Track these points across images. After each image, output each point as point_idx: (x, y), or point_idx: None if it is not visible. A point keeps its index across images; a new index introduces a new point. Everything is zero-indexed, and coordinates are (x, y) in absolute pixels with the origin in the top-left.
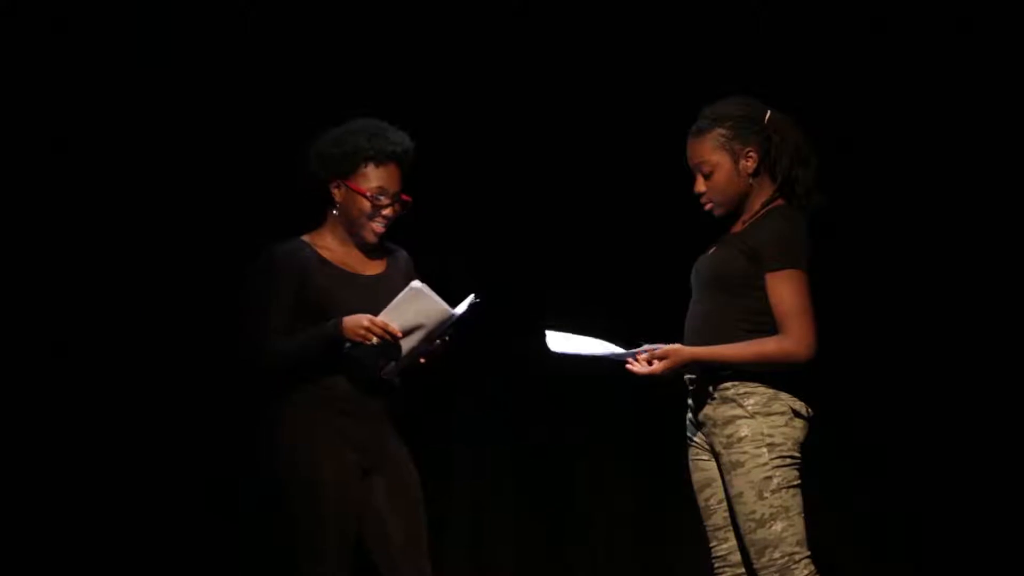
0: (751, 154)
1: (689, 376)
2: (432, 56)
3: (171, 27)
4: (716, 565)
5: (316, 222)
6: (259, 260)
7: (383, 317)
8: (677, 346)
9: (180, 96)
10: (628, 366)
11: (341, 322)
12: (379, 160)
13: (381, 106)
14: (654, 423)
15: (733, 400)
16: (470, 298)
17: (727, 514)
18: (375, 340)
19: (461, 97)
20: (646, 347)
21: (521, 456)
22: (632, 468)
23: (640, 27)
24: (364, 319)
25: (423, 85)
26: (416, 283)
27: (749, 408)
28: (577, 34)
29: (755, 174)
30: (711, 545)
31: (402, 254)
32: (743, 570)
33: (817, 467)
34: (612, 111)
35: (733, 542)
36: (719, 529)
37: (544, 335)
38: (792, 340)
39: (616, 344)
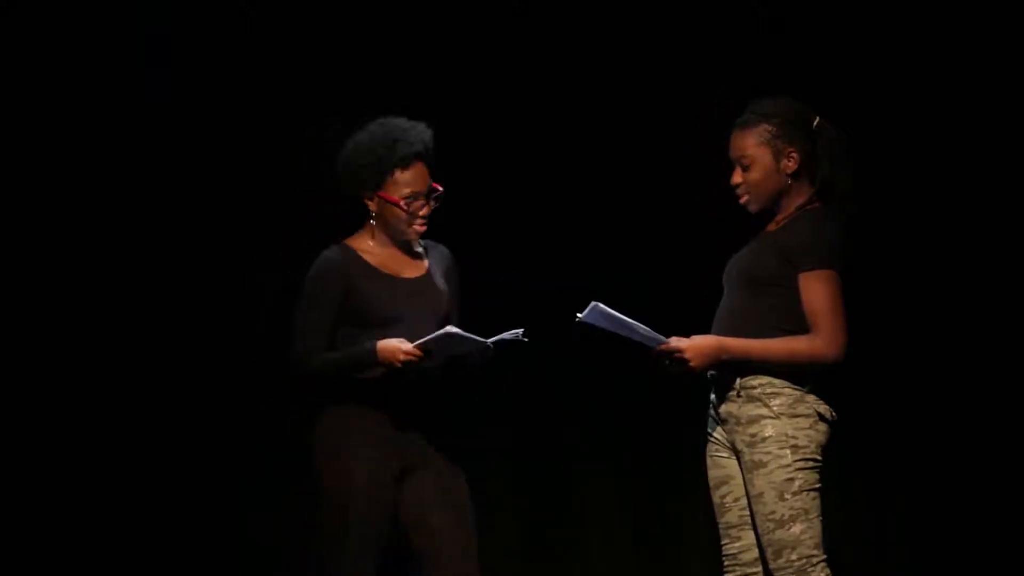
0: (793, 155)
1: (712, 372)
2: (475, 48)
3: (202, 26)
4: (726, 563)
5: (358, 225)
6: (310, 270)
7: (417, 347)
8: (707, 336)
9: (218, 101)
10: (662, 346)
11: (375, 348)
12: (404, 164)
13: (424, 106)
14: (654, 423)
15: (759, 399)
16: (517, 332)
17: (742, 512)
18: (399, 362)
19: (495, 94)
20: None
21: (517, 456)
22: (632, 468)
23: (683, 18)
24: (399, 352)
25: (466, 79)
26: (450, 328)
27: (775, 408)
28: (620, 26)
29: (795, 176)
30: (723, 543)
31: (442, 251)
32: (754, 569)
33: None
34: (646, 108)
35: (745, 541)
36: (732, 527)
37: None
38: (823, 340)
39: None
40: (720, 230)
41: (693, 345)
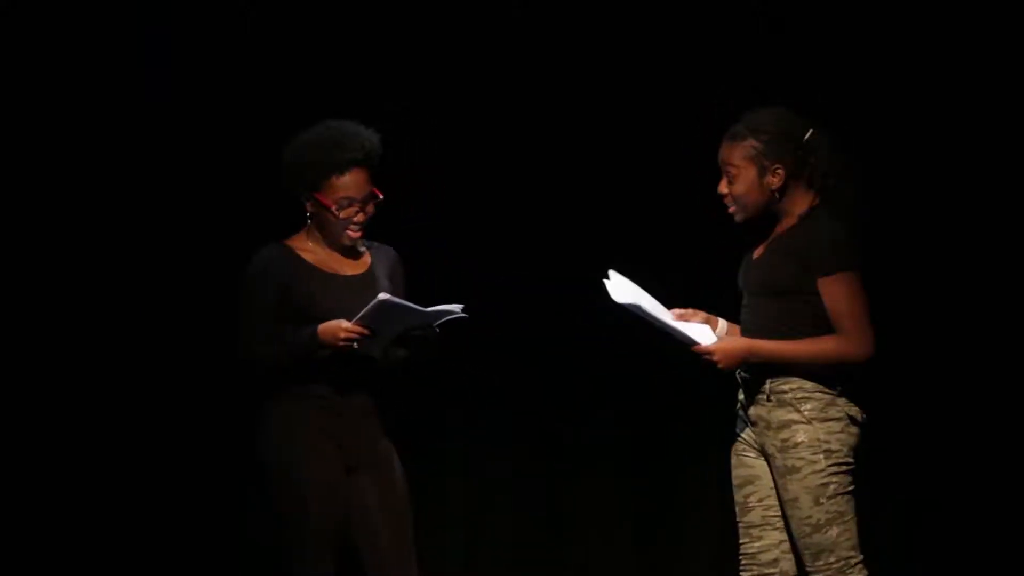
0: (779, 170)
1: (743, 374)
2: (477, 48)
3: (202, 26)
4: (744, 562)
5: (299, 224)
6: (246, 268)
7: (356, 323)
8: (737, 338)
9: (218, 101)
10: (693, 348)
11: (317, 332)
12: (342, 169)
13: (426, 107)
14: (654, 422)
15: (790, 404)
16: (456, 308)
17: (765, 513)
18: (354, 345)
19: (495, 94)
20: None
21: (515, 455)
22: (631, 467)
23: (684, 19)
24: (340, 330)
25: (467, 76)
26: (383, 295)
27: (806, 413)
28: (622, 26)
29: (782, 189)
30: (742, 542)
31: (387, 251)
32: (772, 570)
33: None
34: (646, 108)
35: (766, 541)
36: (754, 527)
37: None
38: (850, 341)
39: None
40: (720, 230)
41: (722, 347)
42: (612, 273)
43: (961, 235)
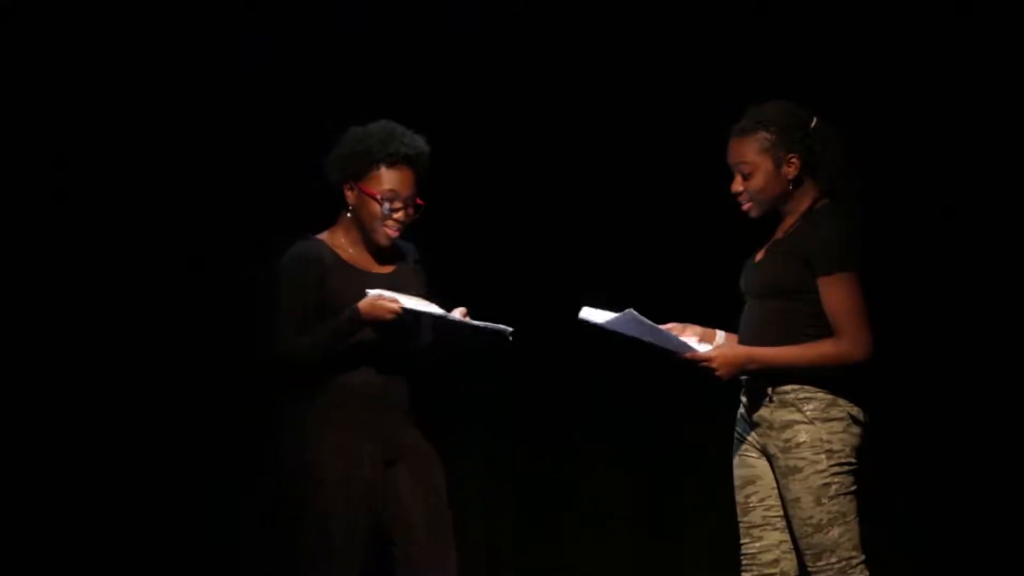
0: (793, 160)
1: (744, 376)
2: (478, 53)
3: (188, 24)
4: (744, 562)
5: (330, 220)
6: (280, 261)
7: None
8: (735, 346)
9: (198, 96)
10: (690, 355)
11: (358, 308)
12: (391, 162)
13: (411, 105)
14: (655, 422)
15: (792, 404)
16: (507, 329)
17: (765, 513)
18: (391, 315)
19: (497, 98)
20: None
21: (517, 456)
22: (633, 463)
23: (685, 20)
24: (387, 312)
25: (465, 82)
26: (445, 313)
27: (808, 413)
28: (625, 28)
29: (797, 180)
30: (743, 542)
31: (409, 247)
32: (772, 570)
33: None
34: (647, 111)
35: (766, 541)
36: (754, 527)
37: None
38: (848, 341)
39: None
40: (722, 232)
41: (721, 355)
42: (585, 308)
43: (960, 235)
